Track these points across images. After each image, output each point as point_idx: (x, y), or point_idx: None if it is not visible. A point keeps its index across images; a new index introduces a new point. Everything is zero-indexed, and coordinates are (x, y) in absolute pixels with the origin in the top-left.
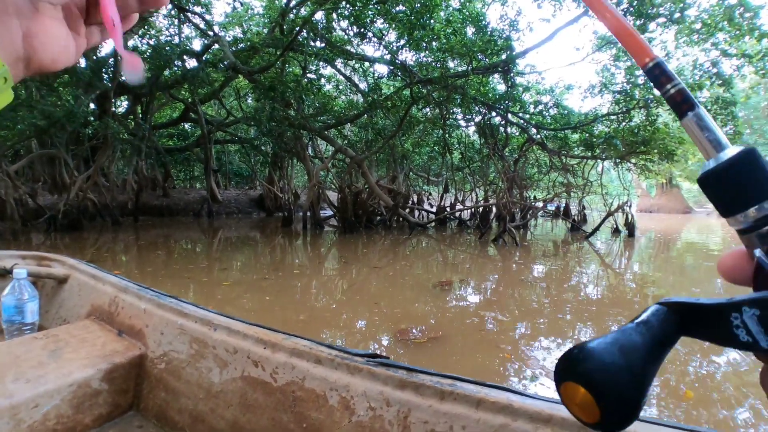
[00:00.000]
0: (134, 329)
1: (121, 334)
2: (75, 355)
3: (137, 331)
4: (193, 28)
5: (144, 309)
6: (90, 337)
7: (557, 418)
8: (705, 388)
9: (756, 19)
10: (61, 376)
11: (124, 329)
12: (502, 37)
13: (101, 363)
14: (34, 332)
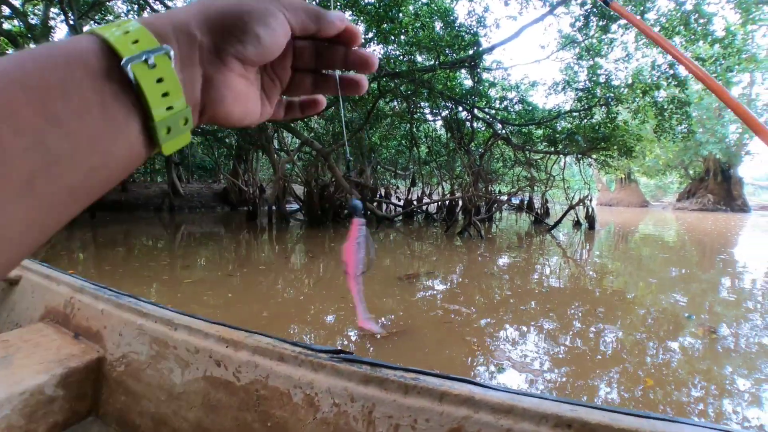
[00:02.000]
0: (91, 331)
1: (77, 337)
2: (27, 361)
3: (95, 333)
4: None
5: (102, 310)
6: (44, 341)
7: (518, 409)
8: (662, 374)
9: (709, 25)
10: (12, 384)
11: (81, 331)
12: (470, 33)
13: (56, 368)
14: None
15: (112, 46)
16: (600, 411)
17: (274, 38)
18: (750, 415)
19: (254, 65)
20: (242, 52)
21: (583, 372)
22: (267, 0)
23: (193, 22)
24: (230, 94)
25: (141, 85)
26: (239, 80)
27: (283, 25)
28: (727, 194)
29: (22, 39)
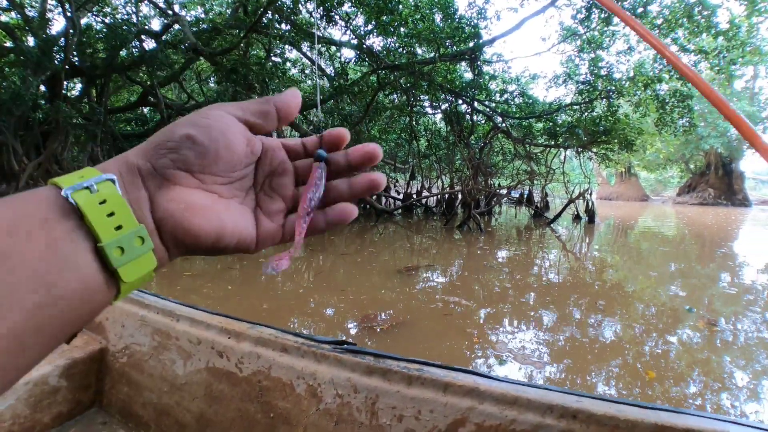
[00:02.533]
0: (94, 322)
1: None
2: None
3: (97, 325)
4: (151, 6)
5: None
6: None
7: (523, 400)
8: (663, 367)
9: (713, 17)
10: None
11: None
12: (470, 25)
13: (59, 359)
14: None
15: (57, 183)
16: (605, 402)
17: (213, 135)
18: (751, 408)
19: (210, 172)
20: (180, 159)
21: (583, 365)
22: (205, 108)
23: (131, 154)
24: (183, 208)
25: (81, 206)
26: (197, 193)
27: (223, 120)
28: (728, 188)
29: (19, 31)
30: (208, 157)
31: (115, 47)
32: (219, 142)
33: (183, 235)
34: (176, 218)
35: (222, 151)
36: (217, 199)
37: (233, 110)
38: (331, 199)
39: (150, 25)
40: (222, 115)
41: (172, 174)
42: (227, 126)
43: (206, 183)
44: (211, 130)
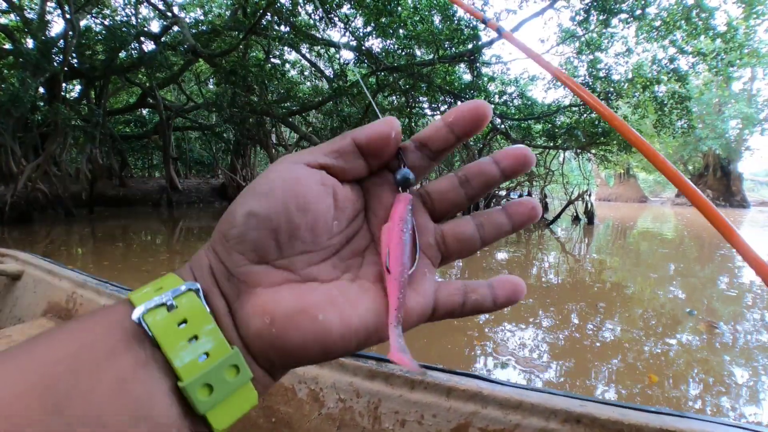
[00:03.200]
0: None
1: None
2: None
3: None
4: (151, 8)
5: (104, 305)
6: None
7: (527, 404)
8: (666, 371)
9: (711, 19)
10: None
11: None
12: (469, 27)
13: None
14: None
15: (132, 300)
16: (609, 406)
17: (279, 199)
18: (753, 411)
19: (295, 251)
20: (250, 250)
21: (585, 368)
22: (270, 166)
23: (206, 250)
24: (269, 322)
25: (154, 332)
26: (285, 292)
27: (290, 174)
28: (727, 190)
29: (18, 33)
30: (282, 233)
31: (114, 49)
32: (289, 206)
33: (279, 357)
34: (264, 338)
35: (297, 217)
36: (314, 291)
37: (301, 157)
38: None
39: (149, 27)
40: (287, 168)
41: (248, 273)
42: (295, 180)
43: (297, 269)
44: (274, 193)
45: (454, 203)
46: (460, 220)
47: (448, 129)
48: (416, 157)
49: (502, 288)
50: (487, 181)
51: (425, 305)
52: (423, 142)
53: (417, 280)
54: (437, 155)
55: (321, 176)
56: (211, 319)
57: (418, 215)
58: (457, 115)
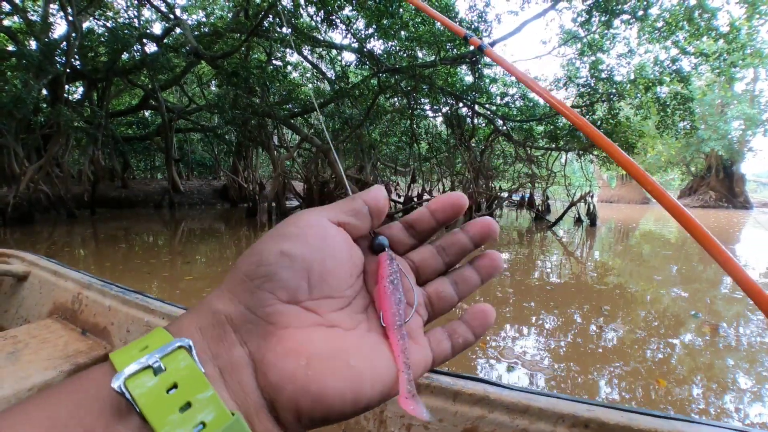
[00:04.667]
0: (99, 327)
1: (84, 333)
2: (35, 357)
3: (102, 330)
4: (153, 10)
5: (109, 306)
6: (52, 337)
7: (534, 409)
8: (673, 376)
9: (714, 20)
10: (20, 379)
11: (88, 328)
12: (471, 28)
13: (64, 364)
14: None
15: (114, 362)
16: (617, 411)
17: (312, 244)
18: (757, 412)
19: (323, 294)
20: (281, 287)
21: (591, 371)
22: (291, 217)
23: (214, 297)
24: (305, 364)
25: (139, 403)
26: (317, 334)
27: (319, 224)
28: (729, 191)
29: (22, 35)
30: (314, 274)
31: (116, 51)
32: (324, 252)
33: (311, 405)
34: (298, 381)
35: (329, 263)
36: (342, 336)
37: (324, 213)
38: (455, 299)
39: (151, 29)
40: (314, 219)
41: (277, 313)
42: (324, 229)
43: (323, 313)
44: (307, 237)
45: (434, 269)
46: (439, 282)
47: (431, 215)
48: (404, 236)
49: (475, 319)
50: (460, 250)
51: (427, 356)
52: (410, 224)
53: (415, 335)
54: (421, 235)
55: (342, 233)
56: (206, 381)
57: (407, 280)
58: (438, 205)
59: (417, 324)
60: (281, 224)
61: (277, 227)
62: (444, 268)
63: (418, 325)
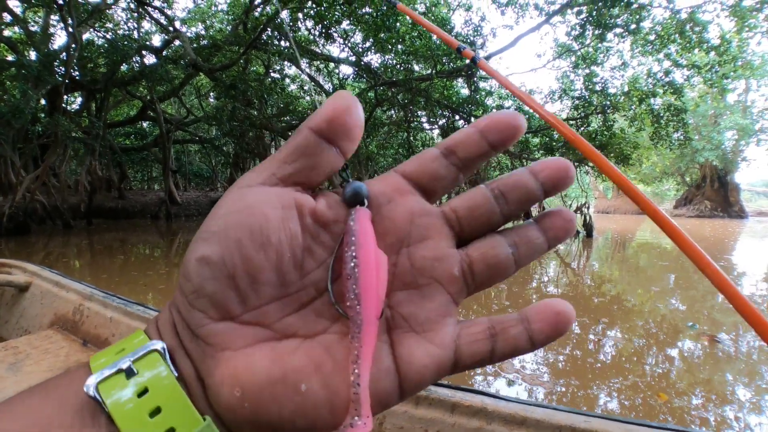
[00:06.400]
0: (100, 339)
1: (86, 344)
2: (36, 368)
3: (103, 341)
4: (152, 23)
5: (110, 317)
6: (53, 348)
7: (531, 420)
8: (673, 389)
9: (705, 33)
10: (20, 390)
11: (90, 339)
12: (467, 42)
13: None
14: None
15: (91, 365)
16: (614, 422)
17: (231, 238)
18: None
19: (264, 300)
20: (211, 305)
21: (591, 386)
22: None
23: (171, 303)
24: (239, 396)
25: (110, 409)
26: (258, 355)
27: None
28: (724, 201)
29: (22, 46)
30: (240, 279)
31: (115, 62)
32: (243, 244)
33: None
34: (237, 413)
35: (256, 257)
36: (294, 351)
37: (254, 176)
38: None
39: (151, 41)
40: (236, 196)
41: (212, 334)
42: (247, 209)
43: (270, 322)
44: (226, 231)
45: (486, 223)
46: (491, 241)
47: (481, 135)
48: (442, 166)
49: (540, 320)
50: (526, 197)
51: (442, 358)
52: (451, 149)
53: (431, 325)
54: (467, 165)
55: (279, 196)
56: (177, 386)
57: (440, 238)
58: (490, 123)
59: (438, 306)
60: (212, 209)
61: (208, 216)
62: (501, 220)
63: (440, 308)
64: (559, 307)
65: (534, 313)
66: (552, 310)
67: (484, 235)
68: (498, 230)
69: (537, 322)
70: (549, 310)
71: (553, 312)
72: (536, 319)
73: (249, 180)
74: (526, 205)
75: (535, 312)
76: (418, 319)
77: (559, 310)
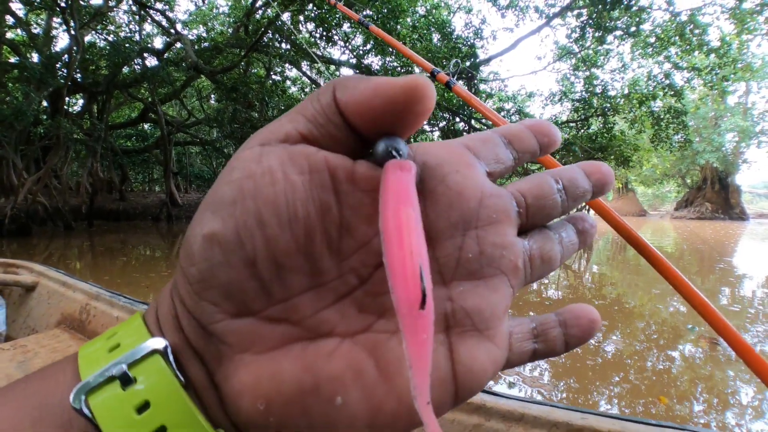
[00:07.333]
0: None
1: None
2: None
3: None
4: (154, 25)
5: (117, 317)
6: (60, 346)
7: (529, 417)
8: (673, 391)
9: (705, 35)
10: None
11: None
12: (467, 45)
13: None
14: (0, 343)
15: (79, 364)
16: (610, 419)
17: (248, 211)
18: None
19: (290, 292)
20: (222, 297)
21: (590, 390)
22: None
23: (168, 290)
24: (264, 409)
25: (100, 425)
26: (292, 354)
27: (260, 164)
28: (725, 202)
29: (24, 48)
30: (263, 264)
31: (117, 64)
32: (266, 218)
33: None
34: (259, 429)
35: (282, 235)
36: (330, 355)
37: (275, 131)
38: (556, 263)
39: (152, 44)
40: (258, 153)
41: (228, 332)
42: (269, 172)
43: (301, 318)
44: (244, 202)
45: (549, 216)
46: (547, 234)
47: (532, 133)
48: (503, 151)
49: (575, 325)
50: (581, 196)
51: (500, 360)
52: (508, 137)
53: (494, 321)
54: (522, 157)
55: (306, 156)
56: (185, 398)
57: (508, 224)
58: (536, 124)
59: (502, 300)
60: (222, 171)
61: (216, 180)
62: (559, 215)
63: (503, 302)
64: (594, 315)
65: (572, 317)
66: (588, 317)
67: (539, 228)
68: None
69: (573, 327)
70: (586, 317)
71: (589, 319)
72: (573, 324)
73: (266, 135)
74: (578, 203)
75: (574, 316)
76: (483, 314)
77: (594, 318)
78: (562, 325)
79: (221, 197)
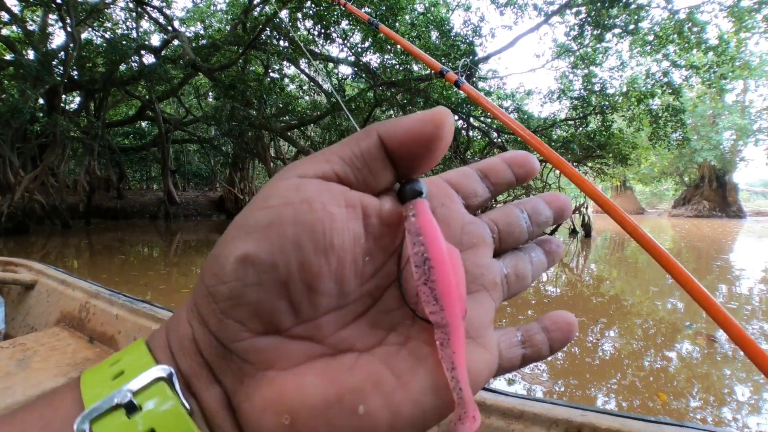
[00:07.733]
0: (106, 336)
1: (92, 341)
2: (44, 365)
3: (109, 338)
4: (151, 22)
5: (116, 315)
6: (60, 345)
7: (529, 414)
8: (672, 388)
9: (703, 33)
10: (30, 386)
11: (96, 336)
12: (466, 42)
13: (72, 371)
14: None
15: (82, 392)
16: (610, 416)
17: (287, 236)
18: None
19: (318, 311)
20: (251, 315)
21: (589, 387)
22: (269, 182)
23: (184, 312)
24: (289, 424)
25: None
26: (309, 375)
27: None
28: (723, 200)
29: (20, 45)
30: (295, 286)
31: (114, 62)
32: (303, 244)
33: None
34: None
35: (316, 261)
36: (351, 368)
37: (312, 166)
38: (529, 281)
39: (149, 41)
40: (294, 185)
41: (252, 350)
42: (308, 202)
43: (323, 336)
44: (282, 227)
45: (517, 240)
46: (518, 256)
47: (508, 166)
48: (479, 186)
49: (557, 329)
50: (544, 223)
51: (493, 365)
52: (484, 172)
53: (483, 331)
54: (497, 191)
55: (342, 193)
56: (193, 427)
57: (485, 247)
58: (512, 159)
59: (487, 312)
60: (257, 196)
61: (248, 205)
62: (526, 240)
63: (489, 314)
64: (571, 319)
65: (551, 323)
66: (565, 320)
67: (512, 250)
68: None
69: (555, 331)
70: (563, 320)
71: (567, 323)
72: (554, 328)
73: (303, 170)
74: (542, 228)
75: (552, 321)
76: (473, 324)
77: (571, 321)
78: (545, 331)
79: (256, 221)
